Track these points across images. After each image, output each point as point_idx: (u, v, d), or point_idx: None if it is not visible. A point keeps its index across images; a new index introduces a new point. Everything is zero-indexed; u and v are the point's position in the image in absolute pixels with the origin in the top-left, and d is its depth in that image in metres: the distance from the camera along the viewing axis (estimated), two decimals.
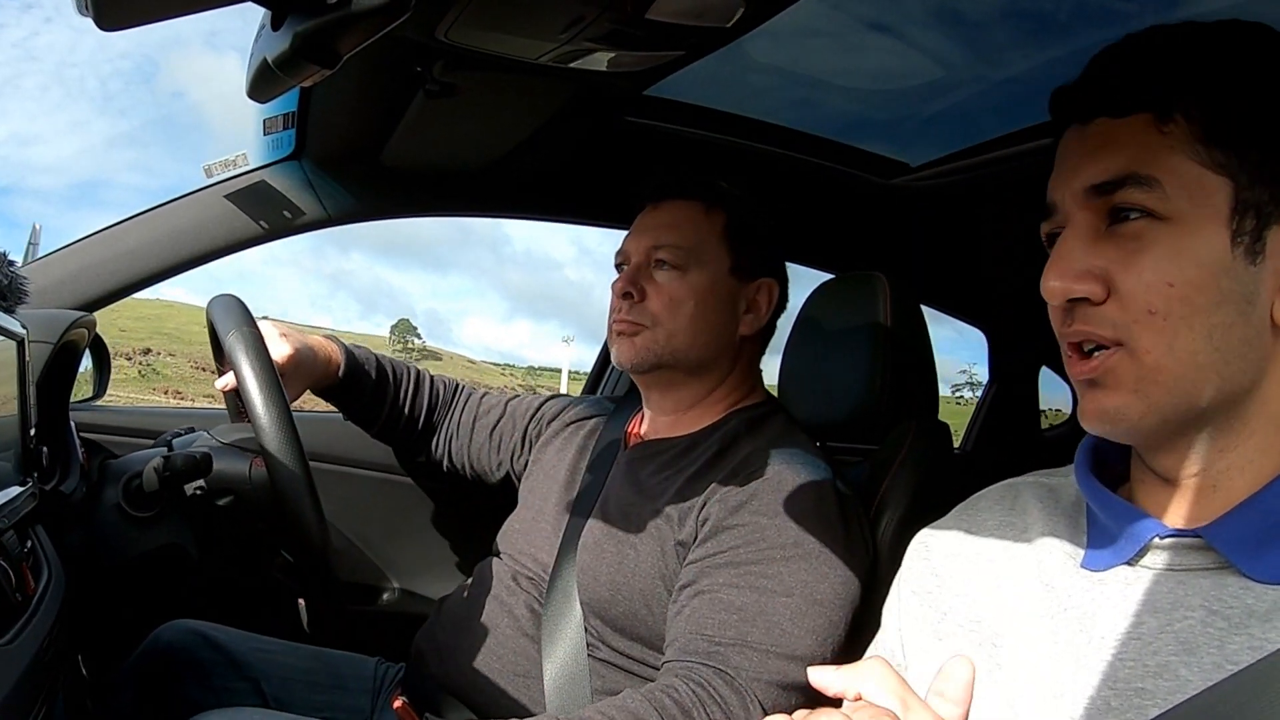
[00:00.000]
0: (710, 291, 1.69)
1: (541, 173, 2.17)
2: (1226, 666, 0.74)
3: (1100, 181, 0.83)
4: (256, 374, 1.50)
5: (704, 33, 1.36)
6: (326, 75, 0.81)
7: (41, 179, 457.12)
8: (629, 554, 1.57)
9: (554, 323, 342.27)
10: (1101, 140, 0.84)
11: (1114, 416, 0.83)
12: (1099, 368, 0.83)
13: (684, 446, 1.68)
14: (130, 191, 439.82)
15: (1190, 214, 0.79)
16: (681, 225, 1.72)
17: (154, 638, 1.79)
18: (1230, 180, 0.79)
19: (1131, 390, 0.81)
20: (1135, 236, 0.81)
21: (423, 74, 1.54)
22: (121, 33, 0.75)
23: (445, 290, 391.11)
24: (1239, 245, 0.79)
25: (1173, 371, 0.80)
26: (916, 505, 1.61)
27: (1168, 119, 0.81)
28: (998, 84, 1.89)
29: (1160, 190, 0.80)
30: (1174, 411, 0.81)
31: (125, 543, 1.57)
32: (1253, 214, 0.79)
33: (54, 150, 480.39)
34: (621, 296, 1.72)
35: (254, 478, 1.62)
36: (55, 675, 1.23)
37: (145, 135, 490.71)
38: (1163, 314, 0.79)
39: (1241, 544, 0.79)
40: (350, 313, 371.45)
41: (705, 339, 1.70)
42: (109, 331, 1.88)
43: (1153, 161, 0.80)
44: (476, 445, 2.08)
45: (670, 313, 1.68)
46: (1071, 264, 0.83)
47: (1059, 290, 0.84)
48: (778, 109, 2.13)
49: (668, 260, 1.69)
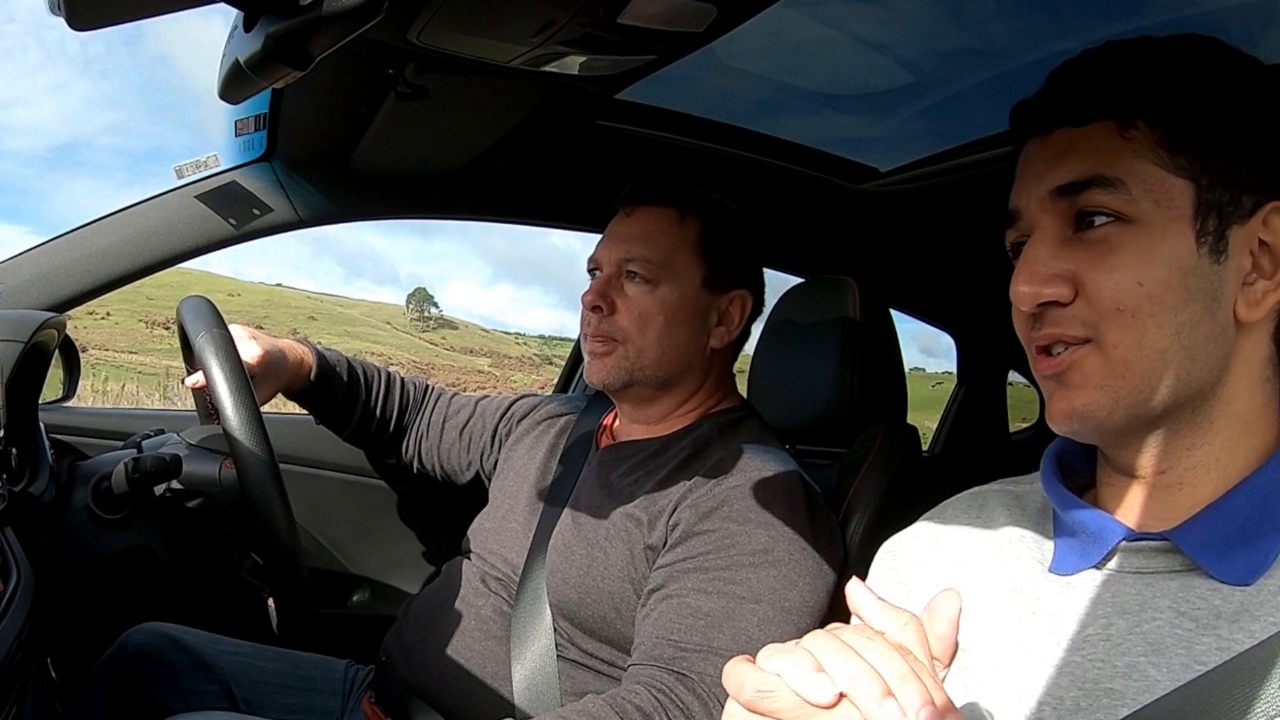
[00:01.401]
0: (680, 306, 1.67)
1: (513, 175, 2.17)
2: (1195, 667, 0.75)
3: (1066, 182, 0.84)
4: (226, 376, 1.49)
5: (676, 37, 1.36)
6: (298, 77, 0.81)
7: (20, 141, 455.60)
8: (598, 557, 1.57)
9: (536, 289, 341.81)
10: (1065, 147, 0.86)
11: (1082, 414, 0.84)
12: (1064, 361, 0.85)
13: (655, 449, 1.68)
14: (110, 154, 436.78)
15: (1155, 216, 0.81)
16: (653, 236, 1.68)
17: (123, 640, 1.78)
18: (1192, 183, 0.81)
19: (1098, 386, 0.83)
20: (1103, 240, 0.83)
21: (394, 76, 1.54)
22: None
23: (428, 255, 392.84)
24: (1204, 245, 0.81)
25: (1140, 367, 0.81)
26: (885, 508, 1.62)
27: (1129, 126, 0.83)
28: (967, 90, 1.91)
29: (1126, 192, 0.82)
30: (1141, 407, 0.82)
31: (95, 544, 1.56)
32: (1215, 215, 0.81)
33: (33, 112, 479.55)
34: (591, 309, 1.69)
35: (223, 480, 1.62)
36: (24, 677, 1.23)
37: (126, 98, 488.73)
38: (1131, 311, 0.81)
39: (1207, 547, 0.81)
40: (334, 276, 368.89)
41: (672, 355, 1.68)
42: (136, 300, 1.86)
43: (1117, 164, 0.82)
44: (446, 445, 2.08)
45: (639, 329, 1.66)
46: (1040, 268, 0.85)
47: (1029, 295, 0.85)
48: (749, 114, 2.14)
49: (639, 273, 1.67)
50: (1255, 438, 0.85)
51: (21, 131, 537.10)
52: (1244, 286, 0.83)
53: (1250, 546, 0.79)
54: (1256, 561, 0.79)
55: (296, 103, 1.82)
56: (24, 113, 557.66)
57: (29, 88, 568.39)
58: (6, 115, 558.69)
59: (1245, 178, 0.82)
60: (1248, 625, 0.76)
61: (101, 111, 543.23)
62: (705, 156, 2.20)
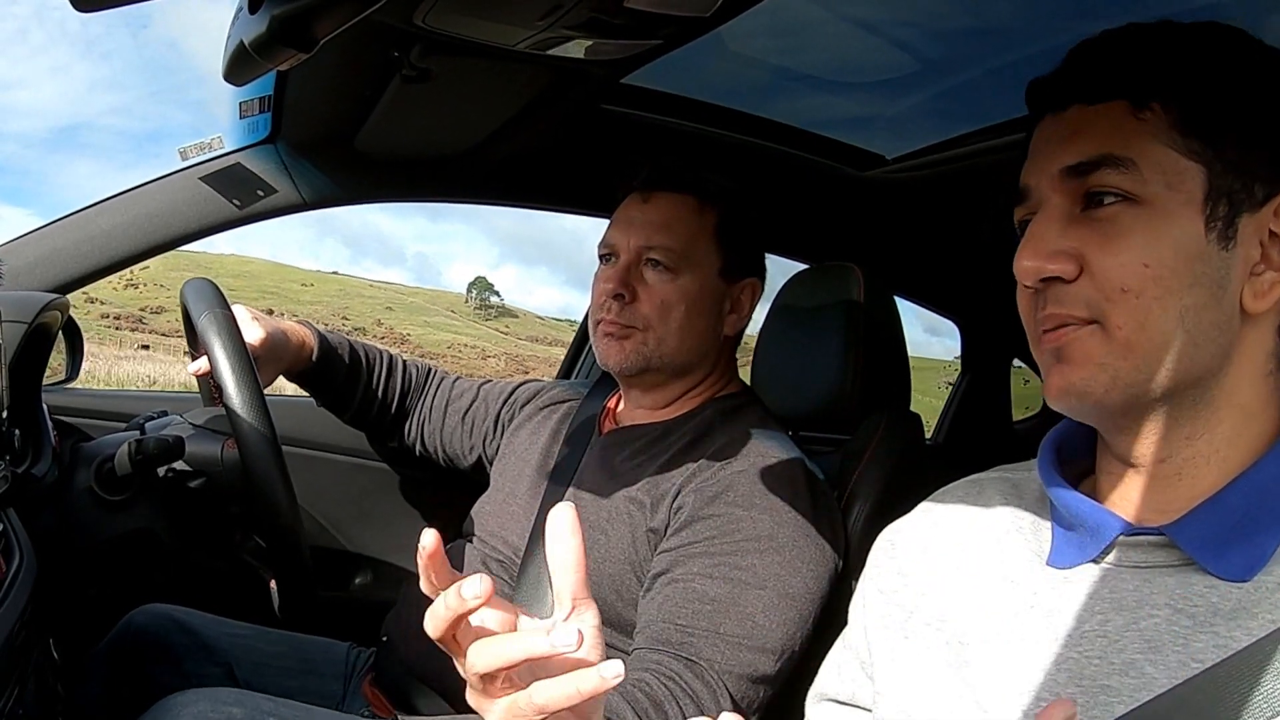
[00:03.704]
0: (700, 296, 1.67)
1: (517, 159, 2.17)
2: (1192, 664, 0.75)
3: (1076, 162, 0.84)
4: (229, 356, 1.50)
5: (682, 22, 1.35)
6: (303, 59, 0.81)
7: (22, 122, 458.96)
8: (599, 539, 1.57)
9: (543, 269, 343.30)
10: (1077, 125, 0.85)
11: (1080, 390, 0.84)
12: (1064, 336, 0.84)
13: (658, 433, 1.69)
14: (113, 135, 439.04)
15: (1165, 198, 0.81)
16: (674, 224, 1.67)
17: (126, 622, 1.78)
18: (1204, 168, 0.81)
19: (1098, 364, 0.82)
20: (1111, 219, 0.82)
21: (399, 59, 1.53)
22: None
23: (435, 234, 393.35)
24: (1212, 231, 0.80)
25: (1142, 349, 0.81)
26: (887, 496, 1.62)
27: (1143, 106, 0.82)
28: (974, 77, 1.90)
29: (1136, 173, 0.81)
30: (1140, 388, 0.82)
31: (97, 526, 1.56)
32: (1225, 201, 0.80)
33: (35, 94, 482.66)
34: (613, 297, 1.67)
35: (226, 461, 1.62)
36: (26, 659, 1.23)
37: (127, 79, 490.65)
38: (1136, 292, 0.80)
39: (1206, 542, 0.80)
40: (339, 256, 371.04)
41: (692, 342, 1.68)
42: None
43: (1129, 144, 0.82)
44: (449, 430, 2.08)
45: (661, 317, 1.66)
46: (1045, 244, 0.84)
47: (1032, 269, 0.85)
48: (755, 100, 2.14)
49: (661, 260, 1.66)
50: (1256, 431, 0.84)
51: (23, 113, 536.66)
52: (1251, 276, 0.82)
53: (1248, 542, 0.79)
54: (1254, 557, 0.78)
55: (301, 85, 1.81)
56: (25, 94, 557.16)
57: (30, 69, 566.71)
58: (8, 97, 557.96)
59: (1259, 167, 0.81)
60: (1245, 623, 0.75)
61: (103, 93, 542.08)
62: (710, 141, 2.20)
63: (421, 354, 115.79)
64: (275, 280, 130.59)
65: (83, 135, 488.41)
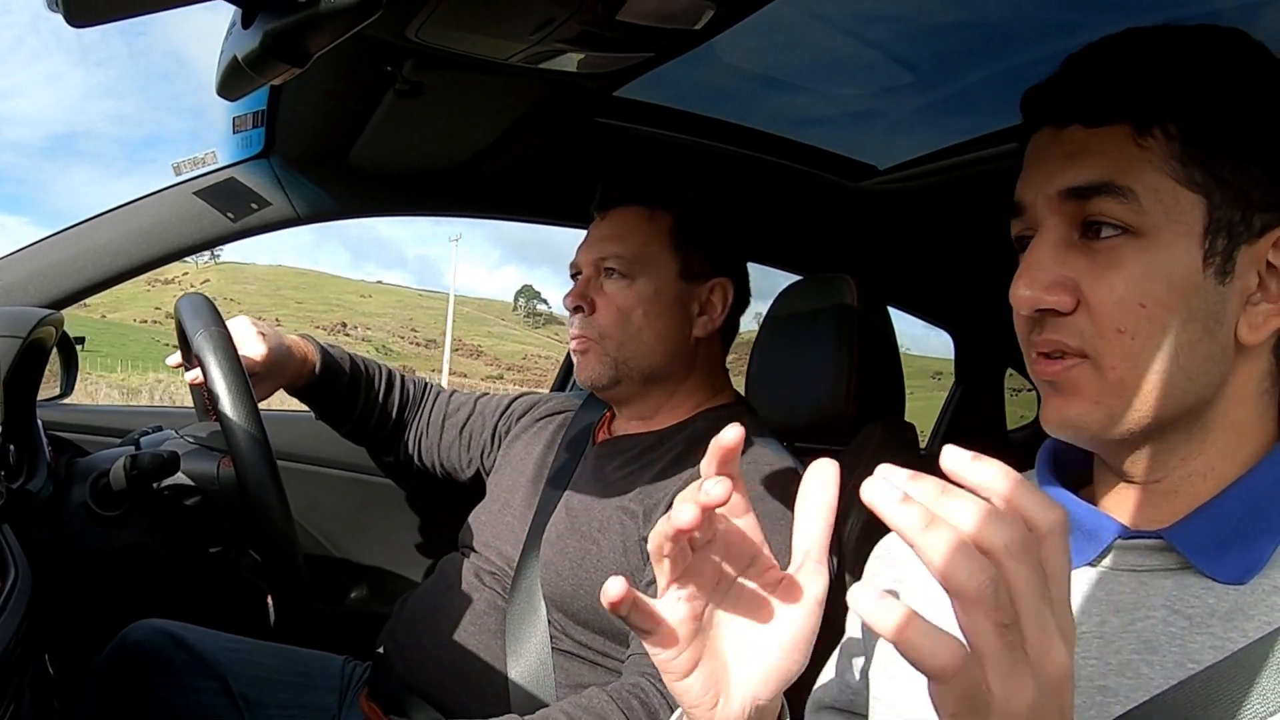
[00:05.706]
0: (657, 298, 1.70)
1: (511, 172, 2.17)
2: (1188, 665, 0.75)
3: (1076, 185, 0.82)
4: (224, 373, 1.50)
5: (674, 35, 1.36)
6: (296, 74, 0.81)
7: (18, 131, 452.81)
8: (591, 549, 1.57)
9: (545, 270, 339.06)
10: (1078, 146, 0.84)
11: (1076, 424, 0.84)
12: (1062, 372, 0.83)
13: (650, 443, 1.70)
14: (109, 142, 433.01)
15: (1164, 229, 0.80)
16: (625, 234, 1.73)
17: (122, 637, 1.78)
18: (1204, 198, 0.79)
19: (1093, 401, 0.82)
20: (1109, 251, 0.81)
21: (392, 73, 1.54)
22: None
23: (438, 235, 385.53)
24: (1210, 265, 0.79)
25: (1136, 387, 0.80)
26: None
27: (1145, 133, 0.81)
28: (966, 87, 1.90)
29: (1136, 202, 0.80)
30: (1135, 423, 0.82)
31: (93, 541, 1.56)
32: (1225, 233, 0.79)
33: (30, 103, 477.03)
34: (573, 310, 1.74)
35: (222, 477, 1.62)
36: (22, 674, 1.23)
37: (123, 86, 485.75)
38: (1131, 333, 0.80)
39: (1202, 545, 0.80)
40: (340, 260, 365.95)
41: (656, 346, 1.71)
42: (287, 304, 1.86)
43: (1129, 172, 0.80)
44: (446, 443, 2.09)
45: (619, 323, 1.70)
46: (1042, 273, 0.83)
47: (1029, 300, 0.84)
48: (747, 111, 2.14)
49: (615, 268, 1.71)
50: (1251, 443, 0.84)
51: (19, 122, 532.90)
52: (1247, 307, 0.81)
53: (1244, 546, 0.79)
54: (1250, 561, 0.78)
55: (294, 99, 1.82)
56: (21, 103, 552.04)
57: (26, 78, 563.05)
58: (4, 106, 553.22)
59: (1259, 197, 0.80)
60: (1242, 624, 0.76)
61: (99, 100, 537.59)
62: (704, 154, 2.20)
63: (506, 367, 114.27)
64: (336, 291, 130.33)
65: (79, 143, 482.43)
